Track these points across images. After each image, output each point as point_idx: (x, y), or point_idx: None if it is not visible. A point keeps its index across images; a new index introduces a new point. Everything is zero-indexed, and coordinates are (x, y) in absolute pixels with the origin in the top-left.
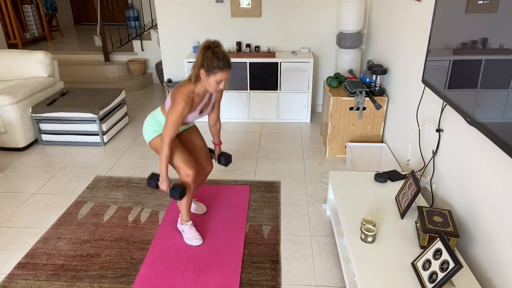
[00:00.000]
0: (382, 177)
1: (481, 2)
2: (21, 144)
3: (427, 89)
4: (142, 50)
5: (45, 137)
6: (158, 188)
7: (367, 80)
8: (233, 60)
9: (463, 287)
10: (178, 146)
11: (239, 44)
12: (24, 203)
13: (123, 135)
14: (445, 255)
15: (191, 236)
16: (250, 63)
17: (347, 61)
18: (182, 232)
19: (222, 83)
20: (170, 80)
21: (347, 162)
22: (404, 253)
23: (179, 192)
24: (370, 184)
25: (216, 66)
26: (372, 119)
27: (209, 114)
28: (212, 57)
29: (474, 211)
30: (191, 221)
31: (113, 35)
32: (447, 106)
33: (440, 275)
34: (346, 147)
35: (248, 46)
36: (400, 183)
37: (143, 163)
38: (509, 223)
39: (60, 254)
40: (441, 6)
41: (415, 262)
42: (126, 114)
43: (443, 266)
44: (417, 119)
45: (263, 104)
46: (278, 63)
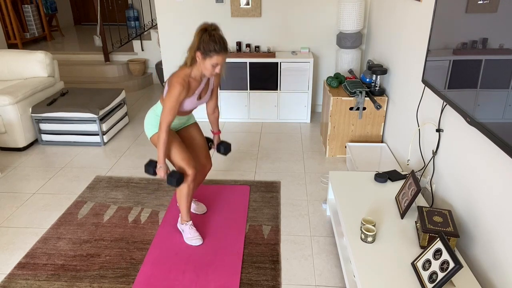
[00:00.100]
0: (382, 177)
1: (481, 2)
2: (21, 144)
3: (427, 89)
4: (142, 50)
5: (45, 137)
6: (155, 174)
7: (367, 80)
8: (233, 60)
9: (463, 287)
10: (179, 144)
11: (239, 44)
12: (24, 203)
13: (123, 135)
14: (445, 255)
15: (191, 236)
16: (250, 63)
17: (347, 61)
18: (182, 232)
19: (218, 67)
20: None
21: (347, 162)
22: (404, 253)
23: (176, 179)
24: (370, 184)
25: (212, 49)
26: (372, 119)
27: (207, 102)
28: (209, 40)
29: (474, 211)
30: (191, 221)
31: (113, 35)
32: (447, 106)
33: (440, 275)
34: (346, 147)
35: (248, 46)
36: (400, 183)
37: (143, 163)
38: (509, 223)
39: (60, 254)
40: (441, 6)
41: (415, 262)
42: (126, 114)
43: (443, 266)
44: (417, 119)
45: (263, 104)
46: (278, 63)
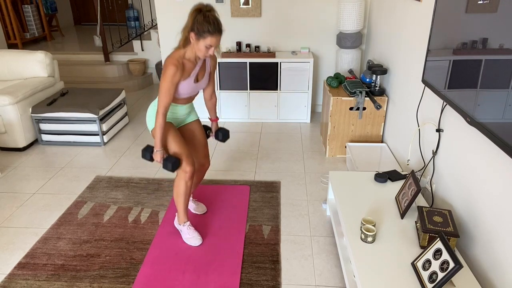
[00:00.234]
0: (382, 177)
1: (481, 2)
2: (21, 144)
3: (427, 89)
4: (142, 50)
5: (45, 137)
6: (152, 160)
7: (367, 80)
8: (233, 60)
9: (463, 287)
10: (179, 140)
11: (239, 44)
12: (24, 203)
13: (123, 135)
14: (445, 255)
15: (190, 236)
16: (250, 63)
17: (347, 61)
18: (181, 232)
19: (212, 48)
20: None
21: (347, 162)
22: (404, 253)
23: (171, 163)
24: (370, 184)
25: (206, 30)
26: (372, 119)
27: (204, 88)
28: (203, 20)
29: (474, 211)
30: (188, 221)
31: (113, 35)
32: (447, 106)
33: (440, 275)
34: (346, 147)
35: (248, 46)
36: (400, 183)
37: (143, 163)
38: (509, 223)
39: (60, 254)
40: (441, 6)
41: (415, 262)
42: (126, 114)
43: (443, 266)
44: (417, 119)
45: (263, 104)
46: (278, 63)
